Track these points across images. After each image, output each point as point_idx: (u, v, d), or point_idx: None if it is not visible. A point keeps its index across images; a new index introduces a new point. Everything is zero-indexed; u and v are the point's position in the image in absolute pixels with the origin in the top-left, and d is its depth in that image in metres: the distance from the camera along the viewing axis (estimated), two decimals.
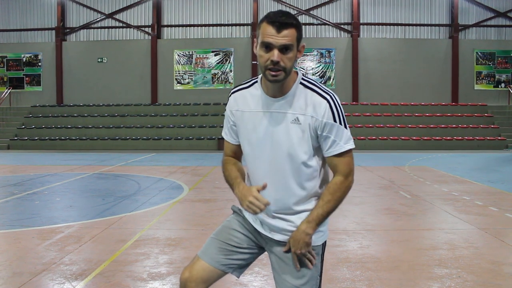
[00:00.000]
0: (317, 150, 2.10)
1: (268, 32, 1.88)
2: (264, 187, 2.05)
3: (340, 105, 2.06)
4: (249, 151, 2.14)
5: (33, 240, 5.67)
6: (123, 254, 5.05)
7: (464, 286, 4.06)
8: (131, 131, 24.10)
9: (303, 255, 2.11)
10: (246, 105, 2.11)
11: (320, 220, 2.09)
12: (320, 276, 2.21)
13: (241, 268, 2.27)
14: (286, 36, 1.88)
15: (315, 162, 2.09)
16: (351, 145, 2.07)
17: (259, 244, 2.26)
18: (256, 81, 2.12)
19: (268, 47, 1.90)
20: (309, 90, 2.02)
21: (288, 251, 2.16)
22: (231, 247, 2.23)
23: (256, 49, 1.97)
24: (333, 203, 2.09)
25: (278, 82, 1.95)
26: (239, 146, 2.24)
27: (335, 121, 2.02)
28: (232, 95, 2.19)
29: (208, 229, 6.26)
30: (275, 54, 1.88)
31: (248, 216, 2.26)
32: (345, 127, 2.06)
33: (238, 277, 2.28)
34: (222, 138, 2.28)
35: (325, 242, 2.25)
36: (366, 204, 8.13)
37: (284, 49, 1.89)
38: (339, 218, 6.88)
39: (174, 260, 4.84)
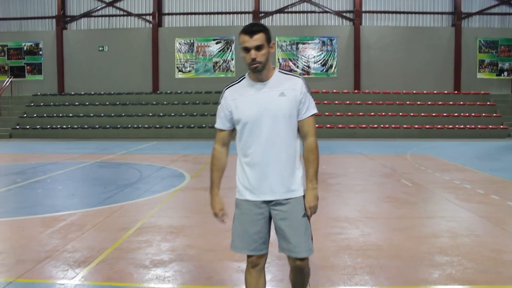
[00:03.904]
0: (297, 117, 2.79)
1: (245, 40, 2.64)
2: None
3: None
4: (250, 127, 2.73)
5: (36, 228, 5.70)
6: (126, 242, 5.08)
7: (464, 274, 4.08)
8: (132, 120, 24.09)
9: (315, 206, 2.78)
10: (241, 94, 2.76)
11: (316, 175, 2.78)
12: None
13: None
14: (257, 39, 2.63)
15: (296, 122, 2.78)
16: (315, 109, 2.82)
17: (269, 214, 2.81)
18: (245, 77, 2.80)
19: (247, 49, 2.64)
20: (286, 75, 2.79)
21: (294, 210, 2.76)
22: (263, 234, 2.83)
23: (241, 54, 2.70)
24: (316, 160, 2.79)
25: (259, 71, 2.68)
26: (228, 132, 2.88)
27: (308, 91, 2.78)
28: (227, 89, 2.83)
29: (209, 217, 6.23)
30: (252, 53, 2.63)
31: (252, 196, 2.79)
32: (312, 97, 2.82)
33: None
34: None
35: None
36: (368, 192, 8.14)
37: (257, 48, 2.63)
38: (341, 206, 6.90)
39: (176, 248, 4.87)
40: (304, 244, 2.75)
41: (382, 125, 23.12)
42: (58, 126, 23.69)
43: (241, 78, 2.82)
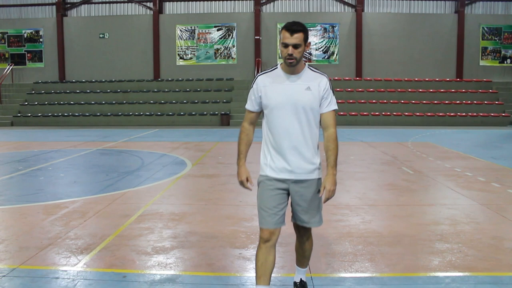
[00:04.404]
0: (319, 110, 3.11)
1: (285, 36, 2.96)
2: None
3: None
4: (276, 112, 3.04)
5: (38, 215, 5.73)
6: (127, 229, 5.11)
7: (464, 261, 4.10)
8: (133, 107, 24.08)
9: (334, 190, 3.04)
10: (272, 82, 3.08)
11: (336, 162, 3.07)
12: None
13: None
14: (296, 38, 2.93)
15: (318, 115, 3.11)
16: (336, 106, 3.16)
17: (288, 190, 3.10)
18: (277, 67, 3.13)
19: (286, 45, 2.96)
20: (314, 72, 3.11)
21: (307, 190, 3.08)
22: (279, 210, 3.06)
23: (280, 47, 3.02)
24: (336, 148, 3.09)
25: (293, 66, 3.01)
26: (256, 114, 3.21)
27: (331, 89, 3.12)
28: (259, 76, 3.15)
29: (211, 204, 6.31)
30: (290, 49, 2.94)
31: (274, 173, 3.06)
32: (334, 94, 3.15)
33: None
34: (225, 114, 3.07)
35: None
36: (369, 180, 8.16)
37: (295, 46, 2.94)
38: (342, 193, 6.91)
39: (178, 235, 4.90)
40: (317, 216, 3.17)
41: (383, 113, 23.08)
42: (60, 114, 23.69)
43: (274, 68, 3.15)
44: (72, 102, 24.53)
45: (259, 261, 3.03)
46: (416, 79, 25.04)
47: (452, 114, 22.90)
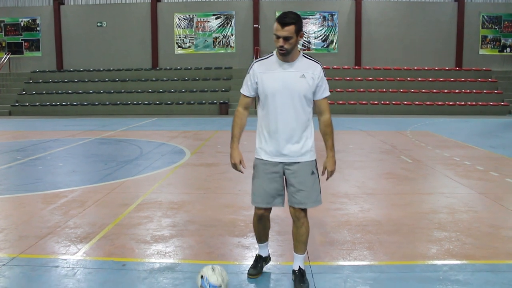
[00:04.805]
0: (312, 97, 3.27)
1: (277, 28, 3.08)
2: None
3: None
4: (271, 98, 3.19)
5: (37, 204, 5.74)
6: (127, 218, 5.12)
7: (462, 249, 4.12)
8: (132, 96, 24.00)
9: (334, 170, 3.36)
10: (268, 68, 3.21)
11: (333, 144, 3.34)
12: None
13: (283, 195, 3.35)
14: (287, 30, 3.05)
15: (311, 102, 3.28)
16: (329, 93, 3.35)
17: (283, 171, 3.27)
18: (273, 54, 3.26)
19: (277, 37, 3.08)
20: (308, 60, 3.24)
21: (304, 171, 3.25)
22: (271, 190, 3.27)
23: (273, 36, 3.16)
24: (332, 132, 3.34)
25: (285, 56, 3.14)
26: (251, 99, 3.35)
27: (324, 76, 3.27)
28: (256, 63, 3.29)
29: (210, 193, 6.32)
30: (281, 41, 3.08)
31: (268, 157, 3.25)
32: (327, 81, 3.32)
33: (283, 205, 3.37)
34: (224, 103, 3.08)
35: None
36: (368, 169, 8.17)
37: (286, 38, 3.05)
38: (341, 182, 6.93)
39: (177, 223, 4.91)
40: (312, 196, 3.27)
41: (382, 102, 23.04)
42: (58, 103, 23.61)
43: (270, 55, 3.28)
44: (70, 91, 24.43)
45: (259, 230, 3.47)
46: (415, 67, 24.96)
47: (451, 103, 22.88)
